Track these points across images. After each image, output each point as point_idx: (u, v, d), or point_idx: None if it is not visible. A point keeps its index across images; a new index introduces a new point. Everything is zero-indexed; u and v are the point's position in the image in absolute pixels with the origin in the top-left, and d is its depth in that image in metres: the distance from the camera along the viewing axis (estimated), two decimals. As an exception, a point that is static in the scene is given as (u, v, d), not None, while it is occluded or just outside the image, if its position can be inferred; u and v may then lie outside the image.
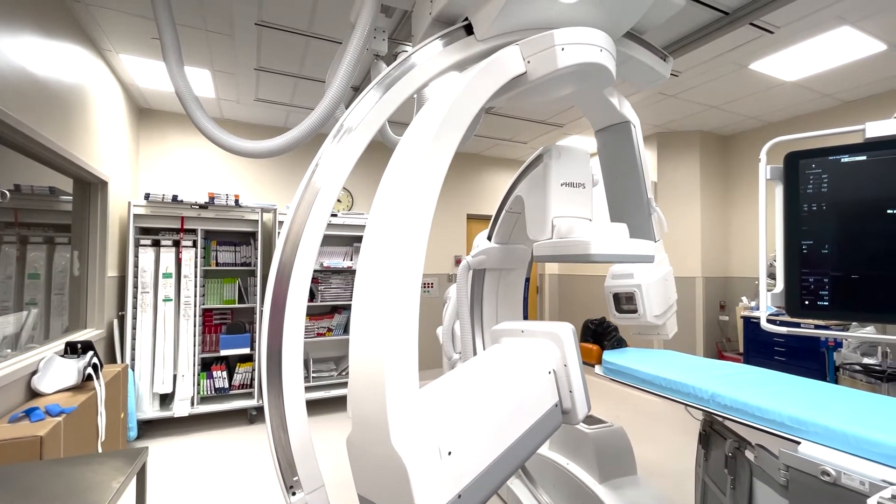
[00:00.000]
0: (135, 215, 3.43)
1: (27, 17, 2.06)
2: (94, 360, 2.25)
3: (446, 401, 1.02)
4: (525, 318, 3.25)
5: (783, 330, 2.02)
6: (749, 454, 1.31)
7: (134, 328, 3.40)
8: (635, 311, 2.23)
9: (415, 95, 1.84)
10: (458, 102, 1.25)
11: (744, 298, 4.34)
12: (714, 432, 1.61)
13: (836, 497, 1.00)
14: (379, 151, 5.03)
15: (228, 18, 2.57)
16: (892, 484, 0.91)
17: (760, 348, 3.91)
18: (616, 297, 2.38)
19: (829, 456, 1.04)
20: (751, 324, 3.99)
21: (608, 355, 1.94)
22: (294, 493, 1.31)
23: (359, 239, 4.48)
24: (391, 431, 0.89)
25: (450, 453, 0.92)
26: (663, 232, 2.35)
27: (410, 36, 2.23)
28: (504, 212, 2.77)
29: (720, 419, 1.55)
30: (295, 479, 1.32)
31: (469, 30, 1.77)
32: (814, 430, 1.12)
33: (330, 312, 4.34)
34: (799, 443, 1.12)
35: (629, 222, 2.31)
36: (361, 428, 0.97)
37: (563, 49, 1.47)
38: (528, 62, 1.51)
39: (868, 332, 3.21)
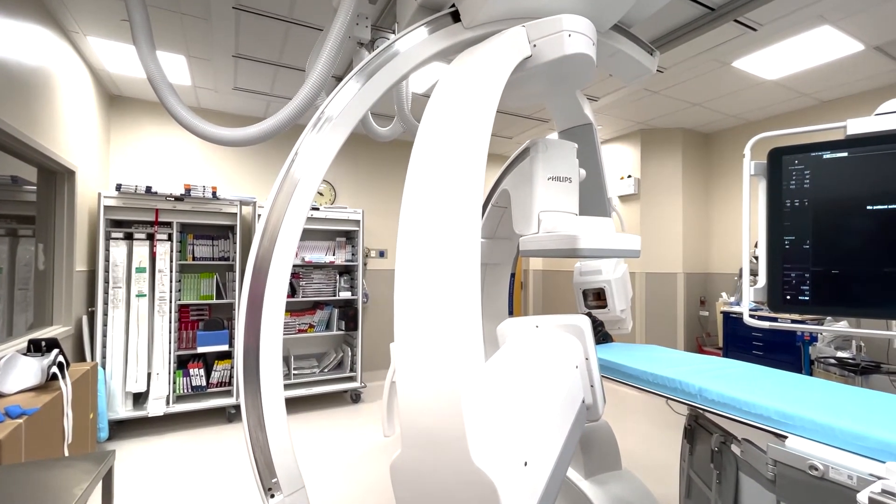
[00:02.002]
0: (105, 207, 3.28)
1: (-17, -8, 1.92)
2: (60, 358, 2.13)
3: (508, 404, 0.91)
4: (510, 313, 3.24)
5: (765, 325, 2.04)
6: (735, 449, 1.31)
7: (105, 325, 3.26)
8: (604, 307, 2.28)
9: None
10: (485, 82, 1.15)
11: (723, 294, 4.42)
12: (699, 427, 1.61)
13: (824, 491, 0.99)
14: (363, 145, 4.94)
15: (204, 1, 2.46)
16: (879, 478, 0.91)
17: (739, 343, 3.98)
18: (584, 293, 2.43)
19: (817, 450, 1.04)
20: (730, 319, 4.07)
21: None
22: (273, 496, 1.24)
23: (341, 233, 4.39)
24: (471, 446, 0.76)
25: (526, 464, 0.81)
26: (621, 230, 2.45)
27: (395, 24, 2.17)
28: (490, 206, 2.74)
29: (705, 413, 1.55)
30: (274, 480, 1.26)
31: (456, 17, 1.72)
32: (800, 425, 1.12)
33: (311, 308, 4.25)
34: (786, 437, 1.12)
35: None
36: (424, 446, 0.81)
37: (569, 35, 1.43)
38: (535, 45, 1.45)
39: (842, 326, 3.30)
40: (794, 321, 3.51)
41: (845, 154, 1.83)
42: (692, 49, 2.98)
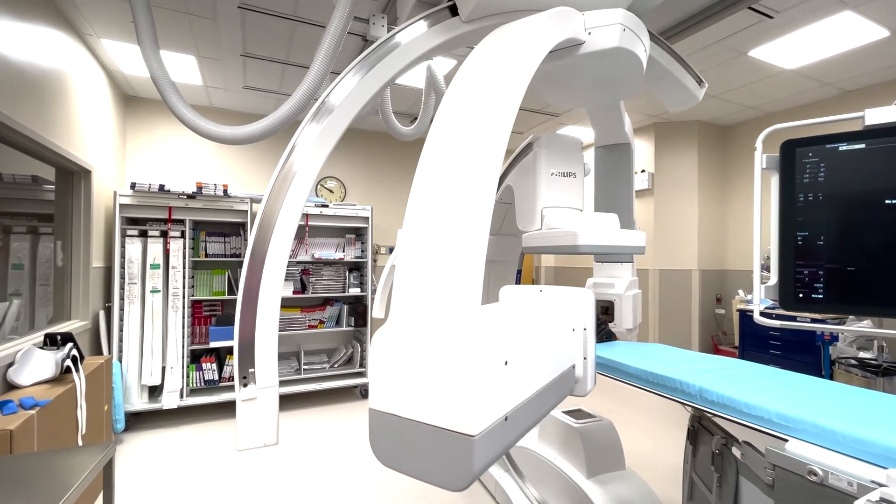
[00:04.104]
0: (121, 205, 3.37)
1: (-3, -3, 1.98)
2: (74, 352, 2.21)
3: (499, 316, 0.93)
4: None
5: (776, 323, 1.98)
6: (736, 451, 1.27)
7: (121, 319, 3.36)
8: (610, 321, 2.26)
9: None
10: (528, 43, 1.14)
11: (740, 291, 4.30)
12: (702, 428, 1.57)
13: (823, 497, 0.95)
14: (373, 142, 4.96)
15: (211, 1, 2.49)
16: (880, 485, 0.86)
17: (756, 342, 3.87)
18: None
19: (817, 455, 1.00)
20: (746, 317, 3.95)
21: (596, 349, 1.89)
22: (245, 385, 1.31)
23: (351, 230, 4.42)
24: (454, 323, 0.77)
25: (506, 363, 0.82)
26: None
27: (396, 19, 2.16)
28: (494, 203, 2.72)
29: (709, 415, 1.51)
30: (251, 370, 1.34)
31: (454, 11, 1.71)
32: (802, 428, 1.08)
33: (321, 304, 4.29)
34: (787, 440, 1.08)
35: None
36: (409, 320, 0.83)
37: (624, 30, 1.48)
38: (590, 33, 1.49)
39: (865, 325, 3.17)
40: (813, 320, 3.39)
41: (862, 146, 1.75)
42: (706, 38, 2.89)
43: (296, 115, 1.66)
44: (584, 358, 1.21)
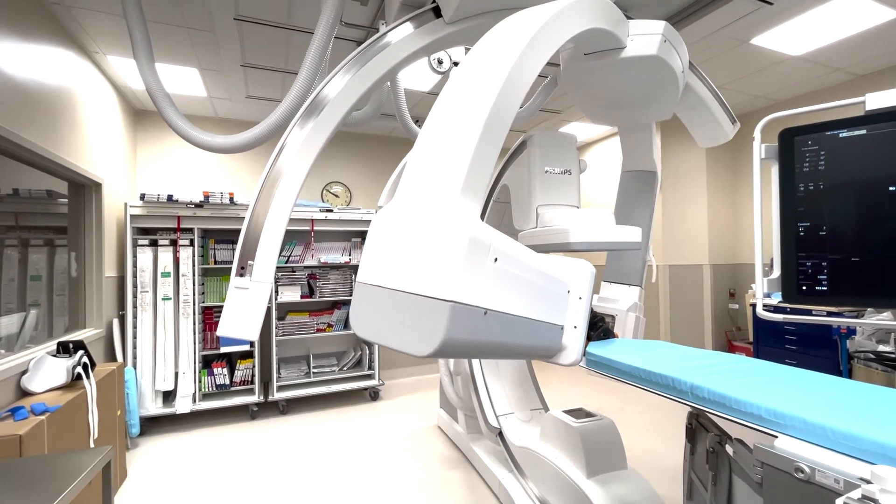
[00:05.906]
0: (131, 216, 3.47)
1: (2, 20, 2.06)
2: (84, 359, 2.28)
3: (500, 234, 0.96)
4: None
5: (779, 317, 1.92)
6: (729, 449, 1.24)
7: (134, 327, 3.45)
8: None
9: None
10: (562, 12, 1.16)
11: (753, 286, 4.19)
12: (700, 426, 1.53)
13: (811, 495, 0.92)
14: (378, 146, 4.99)
15: (207, 14, 2.55)
16: (867, 482, 0.83)
17: (771, 337, 3.76)
18: (594, 315, 2.44)
19: (806, 451, 0.97)
20: (760, 311, 3.84)
21: (592, 347, 1.86)
22: (242, 275, 1.41)
23: (357, 234, 4.46)
24: (455, 205, 0.81)
25: (496, 260, 0.84)
26: (650, 279, 2.45)
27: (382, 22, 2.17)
28: (491, 202, 2.71)
29: (706, 413, 1.48)
30: (250, 263, 1.42)
31: (438, 12, 1.72)
32: (792, 424, 1.04)
33: (329, 308, 4.34)
34: (777, 437, 1.05)
35: (626, 263, 2.40)
36: (412, 199, 0.87)
37: (665, 41, 1.55)
38: (632, 40, 1.56)
39: (885, 318, 3.05)
40: (829, 313, 3.28)
41: (864, 132, 1.69)
42: (705, 28, 2.83)
43: (287, 120, 1.68)
44: (575, 327, 1.18)
